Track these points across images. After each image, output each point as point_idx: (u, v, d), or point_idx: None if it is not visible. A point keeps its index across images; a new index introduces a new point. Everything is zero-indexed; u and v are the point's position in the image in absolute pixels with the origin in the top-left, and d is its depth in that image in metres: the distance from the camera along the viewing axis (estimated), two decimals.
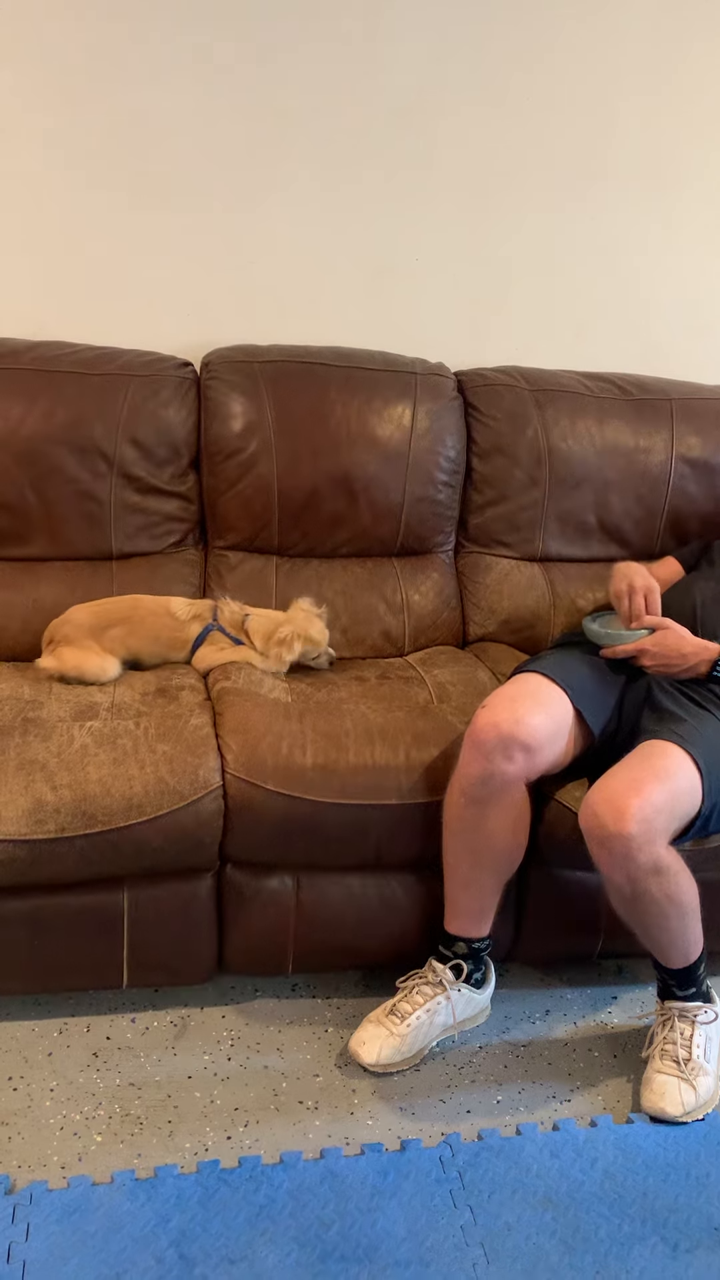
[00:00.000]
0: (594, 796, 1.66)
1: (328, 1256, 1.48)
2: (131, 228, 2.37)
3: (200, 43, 2.28)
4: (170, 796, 1.74)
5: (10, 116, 2.26)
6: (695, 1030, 1.78)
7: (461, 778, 1.75)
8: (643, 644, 1.87)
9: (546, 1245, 1.52)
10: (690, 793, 1.67)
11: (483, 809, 1.74)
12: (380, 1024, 1.82)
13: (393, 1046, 1.80)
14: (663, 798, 1.63)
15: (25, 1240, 1.47)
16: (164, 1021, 1.92)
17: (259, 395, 2.28)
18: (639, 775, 1.66)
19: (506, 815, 1.76)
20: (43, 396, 2.19)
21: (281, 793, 1.79)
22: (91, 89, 2.27)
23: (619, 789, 1.64)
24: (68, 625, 2.09)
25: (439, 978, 1.84)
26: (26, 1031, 1.87)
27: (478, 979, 1.87)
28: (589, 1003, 2.04)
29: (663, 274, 2.64)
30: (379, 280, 2.52)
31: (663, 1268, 1.50)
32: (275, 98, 2.35)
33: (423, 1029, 1.82)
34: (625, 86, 2.48)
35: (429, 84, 2.40)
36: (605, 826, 1.62)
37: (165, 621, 2.14)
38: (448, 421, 2.37)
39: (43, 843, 1.69)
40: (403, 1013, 1.82)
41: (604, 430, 2.41)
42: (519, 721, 1.71)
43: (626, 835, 1.60)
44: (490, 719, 1.72)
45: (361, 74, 2.36)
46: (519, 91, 2.44)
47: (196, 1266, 1.45)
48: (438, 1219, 1.55)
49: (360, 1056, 1.80)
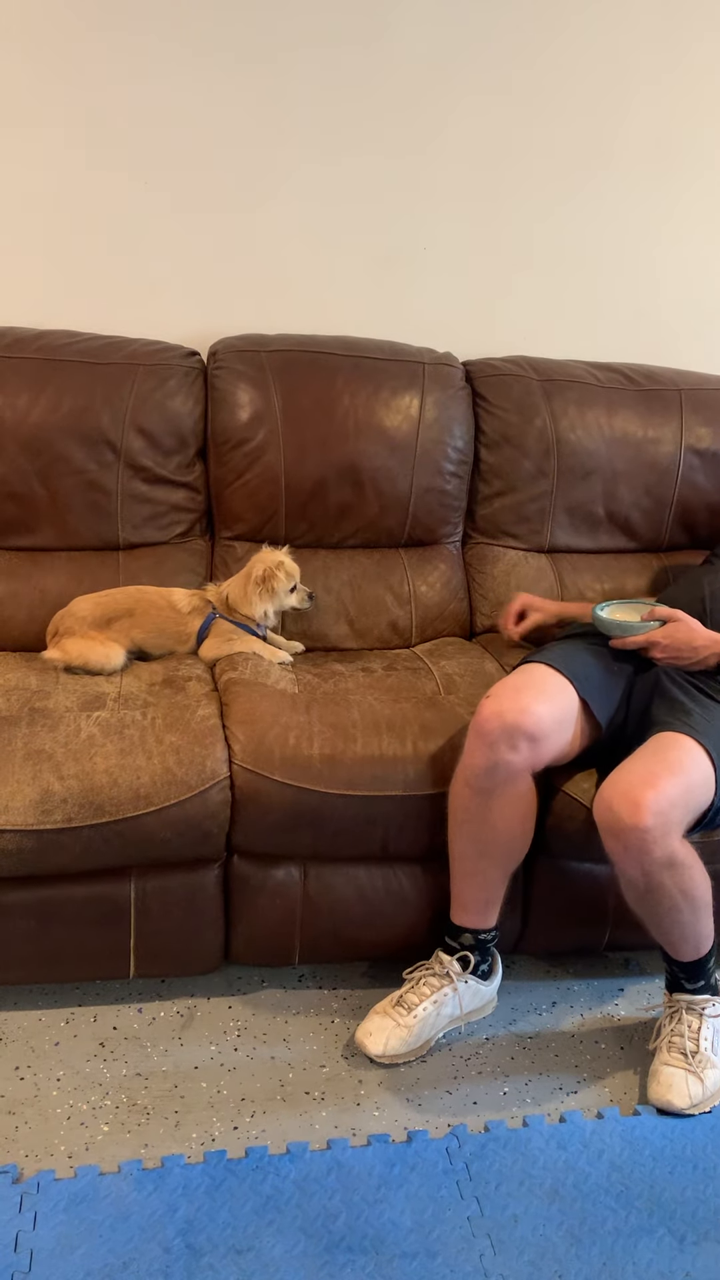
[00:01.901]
0: (608, 790, 1.65)
1: (334, 1247, 1.48)
2: (138, 217, 2.37)
3: (206, 31, 2.26)
4: (177, 787, 1.74)
5: (18, 106, 2.25)
6: (703, 1023, 1.78)
7: (466, 768, 1.74)
8: (653, 636, 1.86)
9: (553, 1237, 1.52)
10: (704, 785, 1.67)
11: (488, 800, 1.73)
12: (387, 1015, 1.82)
13: (399, 1038, 1.80)
14: (677, 790, 1.62)
15: (33, 1229, 1.47)
16: (171, 1012, 1.92)
17: (266, 385, 2.27)
18: (653, 768, 1.65)
19: (512, 806, 1.75)
20: (49, 386, 2.18)
21: (288, 784, 1.78)
22: (98, 77, 2.26)
23: (634, 782, 1.63)
24: (71, 617, 2.09)
25: (446, 969, 1.83)
26: (34, 1021, 1.87)
27: (484, 970, 1.87)
28: (596, 995, 2.03)
29: (672, 263, 2.62)
30: (387, 269, 2.51)
31: (670, 1259, 1.50)
32: (283, 86, 2.33)
33: (429, 1020, 1.82)
34: (634, 73, 2.46)
35: (436, 71, 2.38)
36: (620, 820, 1.61)
37: (168, 614, 2.13)
38: (455, 411, 2.36)
39: (50, 833, 1.69)
40: (409, 1004, 1.82)
41: (613, 421, 2.40)
42: (524, 711, 1.70)
43: (642, 828, 1.59)
44: (494, 709, 1.72)
45: (368, 61, 2.35)
46: (527, 79, 2.42)
47: (203, 1256, 1.45)
48: (444, 1210, 1.55)
49: (367, 1047, 1.80)
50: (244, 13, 2.26)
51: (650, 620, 1.88)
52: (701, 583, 2.04)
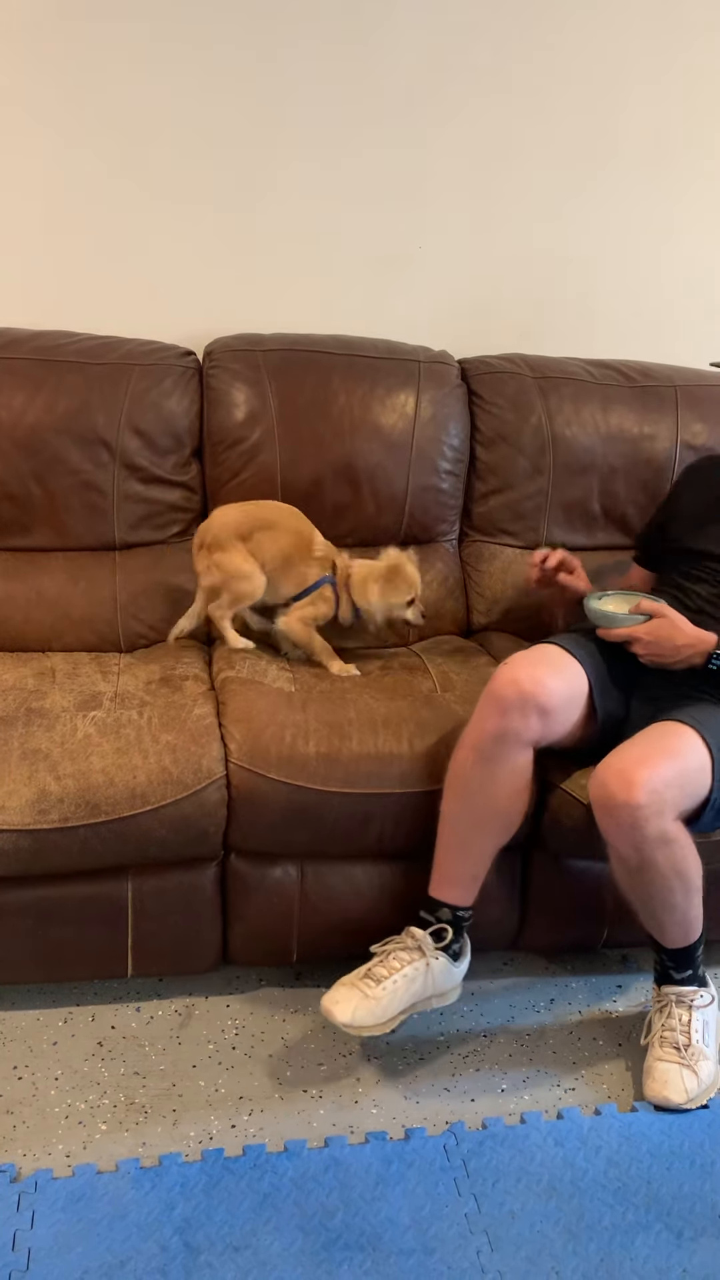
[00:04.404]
0: (603, 769, 1.67)
1: (332, 1244, 1.48)
2: (133, 217, 2.36)
3: (200, 31, 2.26)
4: (174, 786, 1.74)
5: (11, 108, 2.25)
6: (693, 1015, 1.78)
7: (475, 732, 1.74)
8: (636, 631, 1.82)
9: (551, 1233, 1.52)
10: (700, 771, 1.68)
11: (492, 768, 1.73)
12: (354, 986, 1.75)
13: (367, 1008, 1.72)
14: (672, 772, 1.64)
15: (30, 1228, 1.48)
16: (168, 1010, 1.92)
17: (261, 384, 2.27)
18: (649, 750, 1.67)
19: (513, 777, 1.75)
20: (45, 386, 2.18)
21: (285, 782, 1.78)
22: (91, 80, 2.26)
23: (628, 763, 1.65)
24: (217, 525, 2.09)
25: (418, 943, 1.79)
26: (31, 1021, 1.87)
27: (455, 950, 1.81)
28: (594, 991, 2.04)
29: (668, 261, 2.62)
30: (382, 268, 2.51)
31: (667, 1256, 1.50)
32: (276, 85, 2.33)
33: (399, 994, 1.75)
34: (631, 71, 2.46)
35: (431, 69, 2.38)
36: (614, 796, 1.63)
37: (303, 547, 2.11)
38: (451, 409, 2.36)
39: (47, 833, 1.69)
40: (378, 976, 1.75)
41: (608, 417, 2.40)
42: (539, 682, 1.72)
43: (635, 804, 1.60)
44: (511, 675, 1.73)
45: (363, 60, 2.35)
46: (523, 78, 2.42)
47: (201, 1254, 1.46)
48: (442, 1207, 1.55)
49: (334, 1015, 1.72)
50: (241, 11, 2.26)
51: (637, 614, 1.84)
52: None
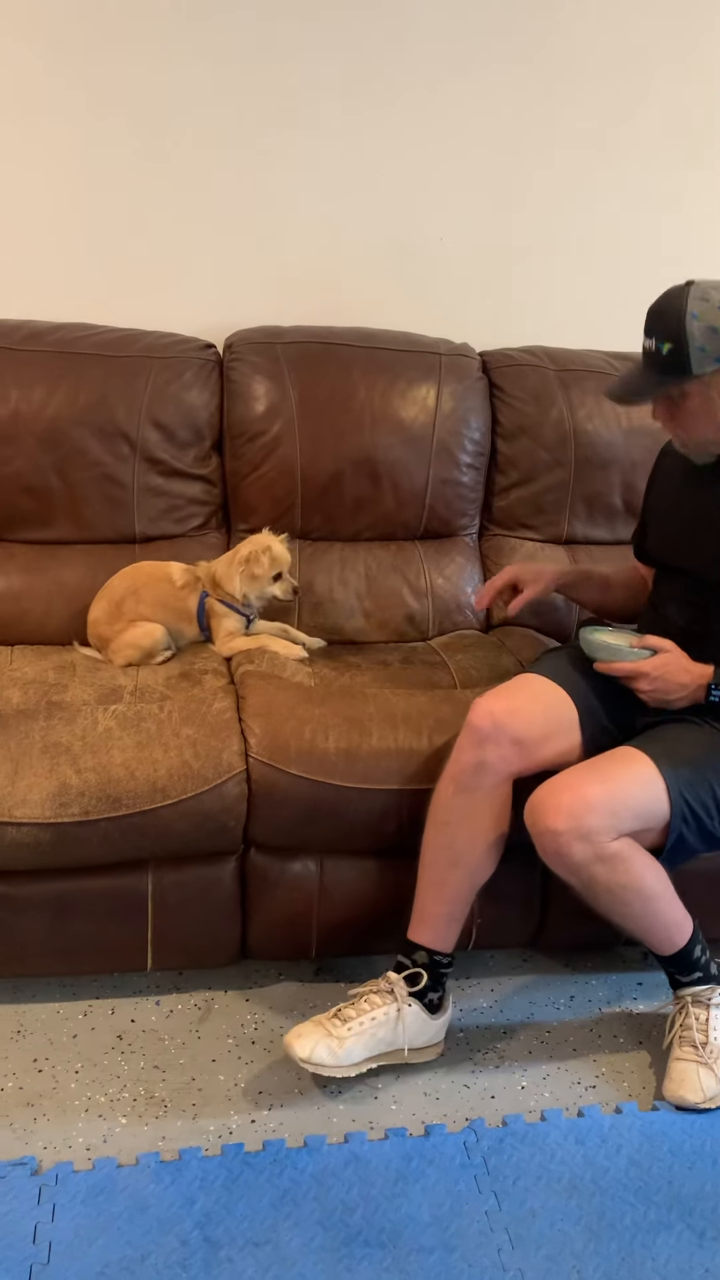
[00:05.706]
0: (533, 796, 1.65)
1: (352, 1240, 1.48)
2: (153, 209, 2.36)
3: (218, 18, 2.25)
4: (194, 780, 1.74)
5: (31, 100, 2.25)
6: (710, 1014, 1.77)
7: (454, 765, 1.73)
8: (642, 666, 1.69)
9: (571, 1232, 1.52)
10: (642, 791, 1.62)
11: (471, 799, 1.71)
12: (320, 1024, 1.70)
13: (327, 1047, 1.67)
14: (599, 796, 1.60)
15: (51, 1221, 1.48)
16: (188, 1005, 1.92)
17: (281, 377, 2.26)
18: (581, 775, 1.64)
19: (490, 810, 1.71)
20: (65, 379, 2.18)
21: (304, 777, 1.78)
22: (110, 70, 2.25)
23: (555, 788, 1.63)
24: (96, 627, 2.11)
25: (390, 987, 1.73)
26: (52, 1014, 1.88)
27: (433, 1002, 1.75)
28: (613, 989, 2.03)
29: (692, 254, 2.59)
30: (402, 260, 2.49)
31: (689, 1256, 1.49)
32: (296, 74, 2.32)
33: (364, 1038, 1.69)
34: (654, 56, 2.44)
35: (452, 58, 2.36)
36: (535, 823, 1.62)
37: (166, 587, 2.12)
38: (472, 402, 2.34)
39: (67, 826, 1.69)
40: (346, 1017, 1.70)
41: (630, 411, 2.37)
42: (514, 713, 1.70)
43: (554, 831, 1.59)
44: (487, 707, 1.71)
45: (383, 47, 2.33)
46: (545, 65, 2.41)
47: (221, 1249, 1.46)
48: (462, 1204, 1.55)
49: (292, 1048, 1.67)
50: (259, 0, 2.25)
51: (643, 648, 1.71)
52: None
